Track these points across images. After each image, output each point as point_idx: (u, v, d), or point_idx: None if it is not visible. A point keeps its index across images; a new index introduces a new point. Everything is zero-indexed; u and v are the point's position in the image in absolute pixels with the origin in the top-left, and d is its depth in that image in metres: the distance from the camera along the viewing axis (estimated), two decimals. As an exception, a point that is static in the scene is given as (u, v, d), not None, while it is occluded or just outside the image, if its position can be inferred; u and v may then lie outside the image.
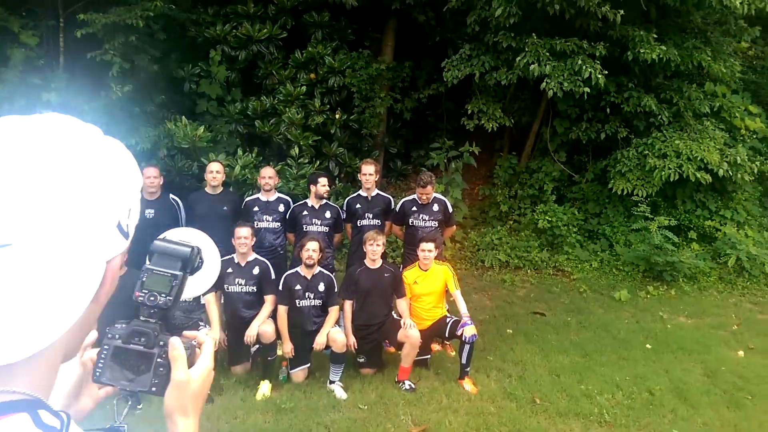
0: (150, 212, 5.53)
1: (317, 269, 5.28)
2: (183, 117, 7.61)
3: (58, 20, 7.84)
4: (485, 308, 7.32)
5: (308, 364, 5.27)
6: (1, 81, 7.04)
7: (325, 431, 4.36)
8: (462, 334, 5.23)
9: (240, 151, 7.90)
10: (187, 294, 1.06)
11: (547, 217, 8.89)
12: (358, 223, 6.05)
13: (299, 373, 5.21)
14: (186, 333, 0.96)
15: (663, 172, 8.26)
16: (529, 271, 8.54)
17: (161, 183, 5.69)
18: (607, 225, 9.24)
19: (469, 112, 9.02)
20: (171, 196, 5.80)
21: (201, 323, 5.09)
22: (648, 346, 6.29)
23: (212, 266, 1.11)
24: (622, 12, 7.58)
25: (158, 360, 0.88)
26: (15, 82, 7.17)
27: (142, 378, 0.87)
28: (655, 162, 8.39)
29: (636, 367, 5.76)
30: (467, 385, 5.19)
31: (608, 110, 9.07)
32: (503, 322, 6.85)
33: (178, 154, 7.82)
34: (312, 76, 9.00)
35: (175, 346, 0.88)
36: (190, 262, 0.91)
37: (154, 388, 0.88)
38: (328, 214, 5.96)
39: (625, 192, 8.71)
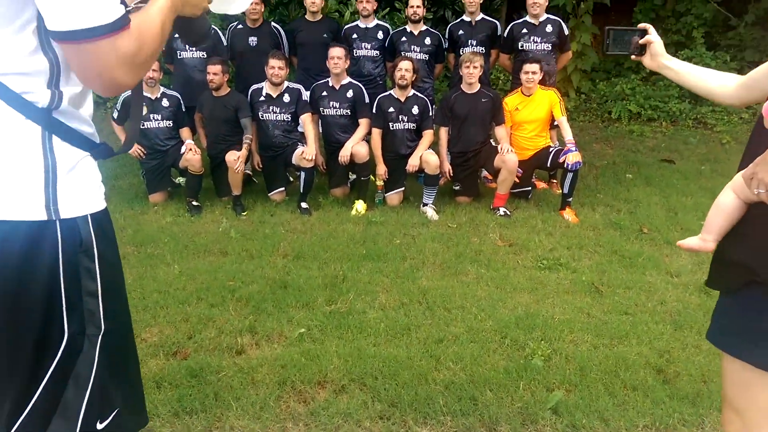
0: (253, 40, 5.61)
1: (411, 91, 5.10)
2: None
3: None
4: (605, 155, 6.72)
5: (403, 188, 5.25)
6: None
7: (411, 240, 4.37)
8: (565, 161, 4.86)
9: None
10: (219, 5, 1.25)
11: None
12: (462, 51, 5.68)
13: (394, 197, 5.22)
14: None
15: None
16: (663, 122, 7.62)
17: (262, 10, 5.69)
18: None
19: None
20: (273, 24, 5.81)
21: (300, 143, 5.22)
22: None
23: None
24: None
25: None
26: None
27: None
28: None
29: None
30: (567, 215, 4.87)
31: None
32: (623, 168, 6.26)
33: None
34: None
35: None
36: None
37: None
38: (428, 41, 5.65)
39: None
